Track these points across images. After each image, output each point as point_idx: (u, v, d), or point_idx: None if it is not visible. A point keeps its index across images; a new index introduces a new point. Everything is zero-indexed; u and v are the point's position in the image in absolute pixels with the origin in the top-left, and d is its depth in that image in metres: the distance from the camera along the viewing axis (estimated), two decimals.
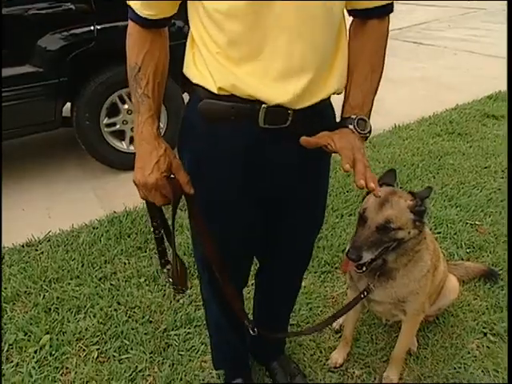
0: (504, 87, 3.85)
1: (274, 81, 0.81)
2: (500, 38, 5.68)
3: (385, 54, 0.91)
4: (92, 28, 2.27)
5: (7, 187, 2.53)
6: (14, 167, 2.75)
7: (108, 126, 2.58)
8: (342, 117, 0.91)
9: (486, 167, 2.61)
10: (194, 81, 0.87)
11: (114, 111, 2.57)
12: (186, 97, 2.70)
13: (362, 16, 0.89)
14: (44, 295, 1.74)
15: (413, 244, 1.12)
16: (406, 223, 1.07)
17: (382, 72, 0.92)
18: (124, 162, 2.69)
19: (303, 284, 1.77)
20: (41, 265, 1.91)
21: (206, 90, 0.85)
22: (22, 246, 2.04)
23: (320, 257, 1.91)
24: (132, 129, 2.66)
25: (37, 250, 2.02)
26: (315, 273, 1.85)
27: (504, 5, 7.88)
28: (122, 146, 2.67)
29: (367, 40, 0.89)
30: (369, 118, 0.90)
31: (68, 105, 2.55)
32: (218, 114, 0.86)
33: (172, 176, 0.88)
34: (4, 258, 1.96)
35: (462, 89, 3.94)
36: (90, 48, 2.31)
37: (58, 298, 1.73)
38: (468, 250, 1.95)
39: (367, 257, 1.04)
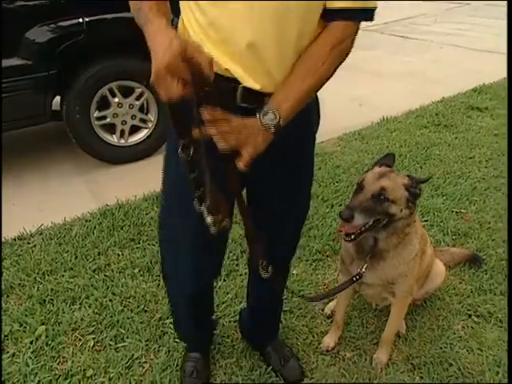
0: (488, 80, 3.95)
1: (243, 65, 0.84)
2: (484, 32, 5.80)
3: (334, 63, 0.87)
4: (81, 20, 2.26)
5: None
6: (6, 161, 2.73)
7: (98, 119, 2.57)
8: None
9: (470, 157, 2.69)
10: None
11: (104, 104, 2.57)
12: None
13: (332, 13, 0.84)
14: (38, 287, 1.75)
15: (403, 225, 1.17)
16: (400, 199, 1.12)
17: (323, 80, 0.88)
18: (115, 156, 2.70)
19: (295, 272, 1.83)
20: (34, 258, 1.91)
21: None
22: (14, 240, 2.03)
23: (311, 246, 1.95)
24: (122, 122, 2.66)
25: (29, 244, 2.02)
26: (306, 261, 1.89)
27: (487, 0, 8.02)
28: (113, 139, 2.67)
29: (319, 41, 0.86)
30: (286, 116, 0.85)
31: (58, 98, 2.53)
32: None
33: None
34: None
35: (448, 82, 4.01)
36: (79, 40, 2.30)
37: (52, 289, 1.74)
38: (454, 237, 2.02)
39: (359, 220, 1.08)
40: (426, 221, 2.11)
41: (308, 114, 0.98)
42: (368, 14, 0.85)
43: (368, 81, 4.12)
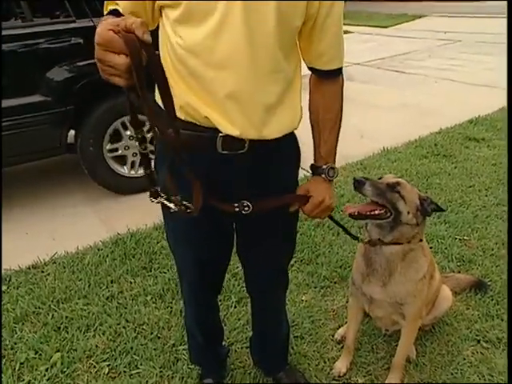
0: (482, 112, 4.09)
1: (222, 113, 0.90)
2: (476, 68, 6.04)
3: (342, 106, 1.06)
4: None
5: (13, 211, 2.59)
6: (20, 191, 2.81)
7: (110, 151, 2.68)
8: (314, 164, 1.09)
9: (470, 186, 2.77)
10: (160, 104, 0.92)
11: (116, 137, 2.68)
12: None
13: (320, 75, 1.02)
14: (53, 315, 1.78)
15: (408, 232, 1.22)
16: (411, 201, 1.19)
17: (341, 121, 1.07)
18: (125, 187, 2.79)
19: (304, 298, 1.87)
20: (48, 286, 1.95)
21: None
22: (29, 268, 2.08)
23: (319, 272, 2.00)
24: (133, 154, 2.77)
25: (43, 272, 2.06)
26: (315, 287, 1.93)
27: (478, 36, 8.39)
28: (124, 170, 2.76)
29: (328, 97, 1.04)
30: (334, 162, 1.09)
31: (72, 132, 2.65)
32: (179, 143, 0.89)
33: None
34: (11, 280, 1.99)
35: (444, 114, 4.16)
36: (95, 78, 2.43)
37: (66, 317, 1.77)
38: (458, 264, 2.06)
39: (367, 191, 1.17)
40: (431, 248, 2.16)
41: (288, 155, 1.08)
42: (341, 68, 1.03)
43: (367, 113, 4.28)
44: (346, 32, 9.91)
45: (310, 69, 1.03)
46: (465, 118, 3.98)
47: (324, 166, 1.06)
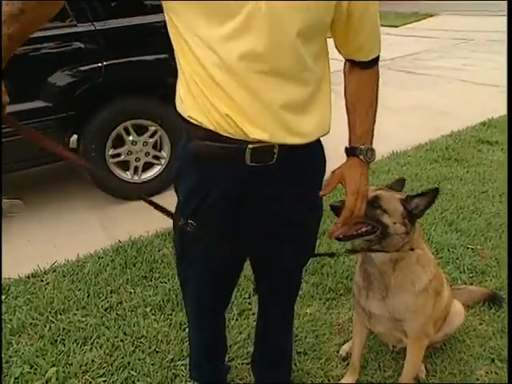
0: (496, 114, 3.97)
1: (249, 117, 0.84)
2: (489, 68, 5.89)
3: (378, 89, 1.01)
4: (100, 64, 2.36)
5: (13, 218, 2.56)
6: (21, 197, 2.79)
7: (113, 156, 2.64)
8: (350, 146, 1.00)
9: (483, 192, 2.66)
10: (185, 115, 0.91)
11: (119, 142, 2.64)
12: None
13: (359, 65, 0.97)
14: (50, 326, 1.74)
15: (397, 242, 1.15)
16: (394, 211, 1.12)
17: (377, 104, 1.02)
18: (128, 192, 2.74)
19: (308, 311, 1.80)
20: (47, 296, 1.91)
21: (196, 126, 0.89)
22: (28, 277, 2.05)
23: (324, 283, 1.92)
24: (136, 159, 2.73)
25: (42, 281, 2.03)
26: (320, 300, 1.86)
27: (490, 36, 8.21)
28: (127, 176, 2.73)
29: (366, 83, 0.99)
30: (371, 145, 1.01)
31: (74, 137, 2.61)
32: (207, 154, 0.90)
33: None
34: (10, 290, 1.96)
35: (456, 116, 4.05)
36: (97, 83, 2.40)
37: (64, 329, 1.73)
38: (471, 275, 1.97)
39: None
40: (441, 258, 2.07)
41: (317, 163, 1.03)
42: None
43: (378, 115, 4.17)
44: None
45: (347, 60, 0.98)
46: (477, 120, 3.86)
47: (362, 147, 0.99)
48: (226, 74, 0.81)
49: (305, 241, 1.12)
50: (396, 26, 10.59)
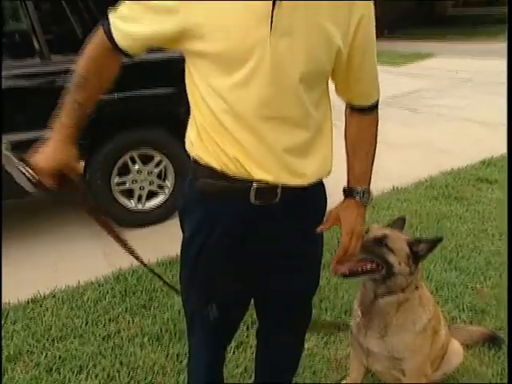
0: (495, 153, 4.04)
1: (255, 159, 0.89)
2: (487, 107, 6.03)
3: (377, 133, 1.05)
4: (111, 97, 2.46)
5: (15, 242, 2.59)
6: (23, 223, 2.83)
7: (118, 184, 2.70)
8: (348, 186, 1.05)
9: (482, 231, 2.68)
10: (193, 154, 0.97)
11: (124, 171, 2.70)
12: None
13: (359, 110, 1.02)
14: (46, 354, 1.74)
15: (402, 282, 1.18)
16: (400, 251, 1.16)
17: (375, 148, 1.06)
18: (131, 220, 2.79)
19: (306, 346, 1.78)
20: (45, 322, 1.92)
21: (203, 166, 0.94)
22: (27, 302, 2.06)
23: (323, 318, 1.92)
24: (140, 187, 2.78)
25: (41, 307, 2.03)
26: (318, 335, 1.85)
27: (489, 76, 8.45)
28: (131, 204, 2.77)
29: (366, 128, 1.03)
30: (369, 187, 1.04)
31: (81, 163, 2.68)
32: (213, 192, 0.95)
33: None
34: (8, 315, 1.96)
35: (456, 153, 4.12)
36: (107, 114, 2.48)
37: (60, 357, 1.72)
38: (470, 314, 1.96)
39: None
40: (441, 296, 2.07)
41: (318, 203, 1.07)
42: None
43: (379, 151, 4.25)
44: None
45: (348, 104, 1.03)
46: (477, 159, 3.93)
47: (359, 188, 1.03)
48: (234, 119, 0.87)
49: (307, 273, 1.14)
50: (397, 65, 10.94)
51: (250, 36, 0.80)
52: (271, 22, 0.79)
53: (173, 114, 2.80)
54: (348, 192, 1.05)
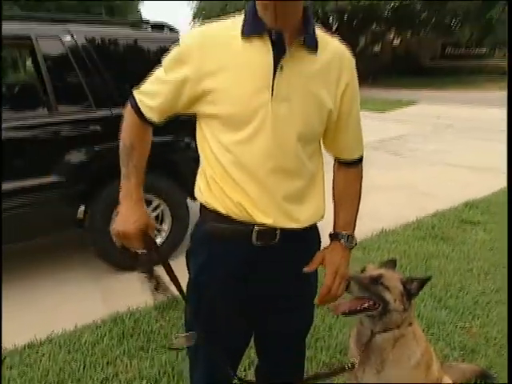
0: (477, 195, 4.23)
1: (257, 205, 1.01)
2: (467, 151, 6.35)
3: (361, 186, 1.19)
4: (113, 145, 2.59)
5: (13, 286, 2.60)
6: (21, 266, 2.85)
7: None
8: (334, 231, 1.16)
9: (468, 270, 2.79)
10: (202, 201, 1.09)
11: None
12: (190, 203, 2.96)
13: (345, 164, 1.16)
14: None
15: (397, 319, 1.26)
16: (395, 289, 1.25)
17: (360, 199, 1.19)
18: (129, 263, 2.82)
19: None
20: (42, 368, 1.91)
21: (211, 211, 1.06)
22: (24, 348, 2.05)
23: (319, 358, 1.96)
24: None
25: (38, 352, 2.03)
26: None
27: (469, 121, 8.93)
28: None
29: (351, 180, 1.17)
30: (353, 231, 1.16)
31: (81, 207, 2.76)
32: (219, 233, 1.06)
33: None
34: (5, 360, 1.96)
35: (440, 196, 4.31)
36: (108, 161, 2.60)
37: None
38: (461, 352, 2.02)
39: (353, 289, 1.22)
40: (432, 334, 2.13)
41: (312, 245, 1.17)
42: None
43: (368, 194, 4.42)
44: None
45: (335, 158, 1.17)
46: (460, 201, 4.11)
47: (344, 233, 1.14)
48: (239, 170, 0.99)
49: (303, 311, 1.22)
50: (382, 111, 11.49)
51: (254, 101, 0.95)
52: (272, 89, 0.94)
53: (170, 160, 2.94)
54: (334, 236, 1.16)
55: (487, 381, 1.80)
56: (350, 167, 1.16)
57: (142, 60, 2.87)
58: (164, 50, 1.05)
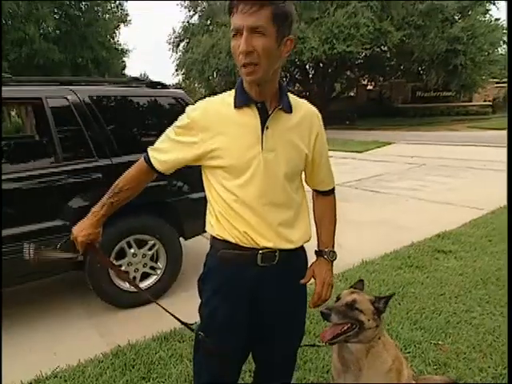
0: (448, 227, 4.57)
1: (259, 232, 1.28)
2: (439, 188, 6.80)
3: (335, 209, 1.50)
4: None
5: (14, 327, 2.72)
6: (21, 308, 2.97)
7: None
8: (318, 249, 1.45)
9: (441, 294, 3.05)
10: (214, 234, 1.35)
11: (121, 254, 2.98)
12: (182, 242, 3.18)
13: (321, 193, 1.48)
14: None
15: (371, 335, 1.50)
16: (367, 310, 1.49)
17: (336, 219, 1.51)
18: (126, 301, 2.99)
19: None
20: None
21: (221, 241, 1.32)
22: (30, 383, 2.17)
23: (307, 378, 2.14)
24: (135, 269, 3.05)
25: None
26: None
27: (440, 160, 9.53)
28: (125, 285, 2.99)
29: (327, 206, 1.48)
30: (333, 248, 1.45)
31: None
32: (230, 258, 1.32)
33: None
34: None
35: (415, 229, 4.64)
36: None
37: None
38: (435, 367, 2.24)
39: (334, 318, 1.45)
40: (409, 353, 2.35)
41: (301, 263, 1.44)
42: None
43: (346, 227, 4.73)
44: None
45: (314, 190, 1.48)
46: (433, 233, 4.43)
47: (326, 250, 1.43)
48: (242, 206, 1.27)
49: (296, 326, 1.48)
50: (359, 152, 12.11)
51: (249, 153, 1.25)
52: (261, 143, 1.24)
53: (164, 202, 3.20)
54: (319, 253, 1.46)
55: None
56: (325, 196, 1.47)
57: (138, 113, 3.20)
58: (156, 105, 1.35)
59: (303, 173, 1.41)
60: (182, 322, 1.51)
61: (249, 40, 1.12)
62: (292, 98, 1.32)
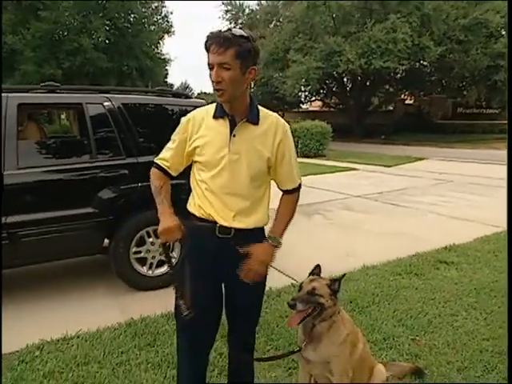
0: (459, 241, 4.67)
1: (219, 213, 1.64)
2: (460, 204, 6.82)
3: (295, 207, 1.79)
4: (136, 185, 3.29)
5: (52, 293, 3.20)
6: (50, 284, 3.46)
7: (135, 253, 3.38)
8: (268, 234, 1.75)
9: (432, 299, 3.22)
10: (190, 210, 1.72)
11: (141, 242, 3.41)
12: None
13: (283, 192, 1.79)
14: (73, 373, 2.25)
15: (330, 312, 1.78)
16: (326, 293, 1.77)
17: (293, 215, 1.79)
18: (143, 284, 3.40)
19: (274, 374, 2.30)
20: (71, 353, 2.45)
21: (195, 216, 1.69)
22: (58, 340, 2.60)
23: (290, 358, 2.42)
24: (152, 256, 3.46)
25: (68, 344, 2.57)
26: (284, 367, 2.34)
27: (470, 177, 9.42)
28: (143, 270, 3.42)
29: (286, 202, 1.78)
30: (281, 236, 1.74)
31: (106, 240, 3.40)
32: (197, 228, 1.68)
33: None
34: (44, 348, 2.51)
35: (424, 240, 4.76)
36: (132, 199, 3.29)
37: (83, 376, 2.24)
38: (407, 358, 2.45)
39: (299, 306, 1.73)
40: (387, 344, 2.57)
41: (258, 241, 1.74)
42: (298, 187, 1.79)
43: (359, 237, 4.95)
44: (352, 169, 11.31)
45: (279, 188, 1.80)
46: (441, 245, 4.55)
47: (271, 235, 1.71)
48: (210, 193, 1.65)
49: (254, 292, 1.81)
50: (389, 166, 12.12)
51: (220, 153, 1.62)
52: (229, 147, 1.60)
53: (180, 199, 3.60)
54: (267, 237, 1.74)
55: (420, 376, 2.24)
56: (287, 194, 1.79)
57: (162, 119, 3.65)
58: (179, 113, 1.74)
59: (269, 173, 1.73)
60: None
61: (218, 73, 1.51)
62: (262, 111, 1.68)
